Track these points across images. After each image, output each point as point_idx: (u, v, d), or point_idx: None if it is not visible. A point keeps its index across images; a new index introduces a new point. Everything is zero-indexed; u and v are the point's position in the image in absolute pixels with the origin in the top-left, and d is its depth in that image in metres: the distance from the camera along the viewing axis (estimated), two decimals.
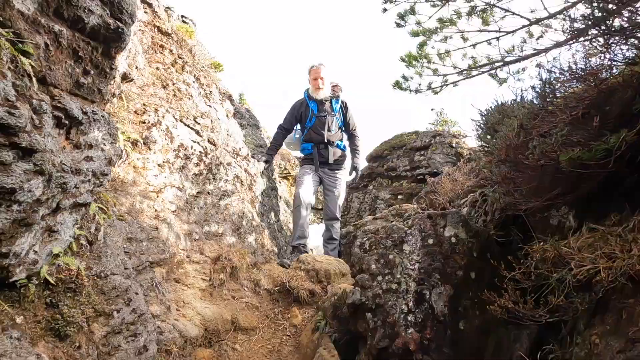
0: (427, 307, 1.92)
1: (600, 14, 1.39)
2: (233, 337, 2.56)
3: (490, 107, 2.17)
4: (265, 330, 2.81)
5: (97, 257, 1.62)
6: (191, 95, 3.35)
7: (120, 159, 1.98)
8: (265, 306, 3.08)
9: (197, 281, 2.64)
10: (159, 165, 2.62)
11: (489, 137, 2.14)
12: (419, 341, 1.83)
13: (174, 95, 3.12)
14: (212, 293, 2.72)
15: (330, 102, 4.33)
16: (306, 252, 3.91)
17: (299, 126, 4.51)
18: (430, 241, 2.12)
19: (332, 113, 4.30)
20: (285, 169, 5.85)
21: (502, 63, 2.34)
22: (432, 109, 7.08)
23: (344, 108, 4.40)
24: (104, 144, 1.60)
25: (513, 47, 2.32)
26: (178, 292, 2.41)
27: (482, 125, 2.24)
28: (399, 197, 5.81)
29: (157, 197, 2.53)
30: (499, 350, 1.77)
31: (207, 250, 2.92)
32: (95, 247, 1.64)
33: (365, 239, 2.42)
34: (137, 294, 1.79)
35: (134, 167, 2.43)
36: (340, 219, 4.34)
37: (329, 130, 4.25)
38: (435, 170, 5.40)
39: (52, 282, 1.30)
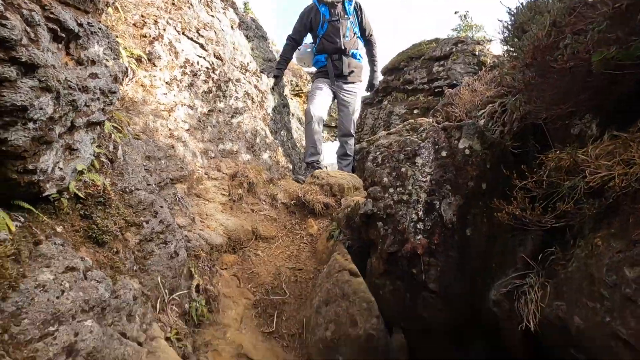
0: (436, 216, 2.00)
1: None
2: (255, 245, 2.79)
3: (522, 3, 1.93)
4: (284, 239, 3.03)
5: (120, 173, 1.69)
6: (191, 4, 3.09)
7: (126, 76, 1.93)
8: (282, 218, 3.28)
9: (217, 196, 2.78)
10: (166, 83, 2.56)
11: (515, 39, 1.95)
12: (427, 246, 1.95)
13: (173, 4, 2.88)
14: (232, 207, 2.89)
15: (343, 4, 3.94)
16: (320, 167, 3.99)
17: (310, 40, 4.20)
18: (444, 153, 2.11)
19: (346, 16, 3.95)
20: (297, 85, 5.64)
21: None
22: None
23: (358, 10, 4.01)
24: (107, 59, 1.55)
25: None
26: (200, 206, 2.56)
27: (509, 27, 2.02)
28: (415, 111, 5.63)
29: (169, 115, 2.53)
30: (503, 254, 1.87)
31: (224, 168, 3.01)
32: (116, 164, 1.70)
33: (378, 153, 2.43)
34: (162, 207, 1.92)
35: (142, 85, 2.39)
36: (354, 135, 4.31)
37: (343, 36, 3.94)
38: (454, 81, 5.11)
39: (82, 196, 1.39)
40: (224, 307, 2.09)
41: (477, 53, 5.22)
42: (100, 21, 1.60)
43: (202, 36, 3.00)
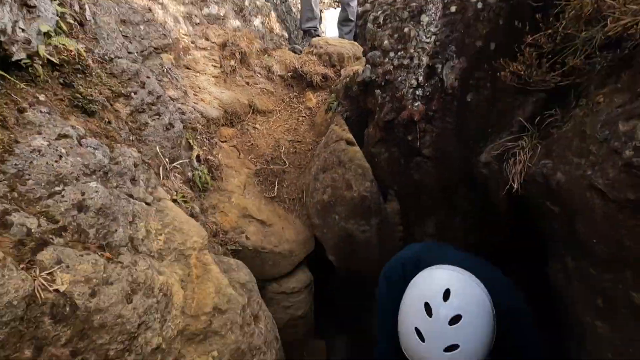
0: (437, 81, 1.90)
1: None
2: (252, 119, 2.77)
3: None
4: (281, 113, 3.00)
5: (94, 39, 1.56)
6: None
7: None
8: (279, 91, 3.17)
9: (207, 68, 2.63)
10: None
11: None
12: (424, 113, 1.91)
13: None
14: (226, 79, 2.76)
15: None
16: (318, 35, 3.65)
17: None
18: (453, 9, 1.86)
19: None
20: None
21: None
22: None
23: None
24: None
25: None
26: (191, 78, 2.45)
27: None
28: None
29: None
30: (501, 118, 1.84)
31: (212, 36, 2.76)
32: (87, 28, 1.55)
33: (379, 12, 2.16)
34: (149, 78, 1.83)
35: None
36: None
37: None
38: None
39: (56, 62, 1.31)
40: (226, 176, 2.21)
41: None
42: None
43: None
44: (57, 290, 0.88)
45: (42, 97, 1.26)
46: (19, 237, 0.90)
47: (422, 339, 0.99)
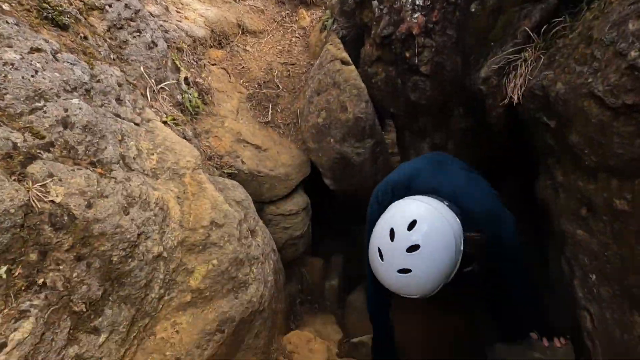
0: None
1: None
2: (242, 40, 2.61)
3: None
4: (273, 33, 2.81)
5: None
6: None
7: None
8: (270, 9, 2.93)
9: None
10: None
11: None
12: (424, 25, 1.78)
13: None
14: None
15: None
16: None
17: None
18: None
19: None
20: None
21: None
22: None
23: None
24: None
25: None
26: None
27: None
28: None
29: None
30: (505, 29, 1.72)
31: None
32: None
33: None
34: None
35: None
36: None
37: None
38: None
39: None
40: (218, 100, 2.14)
41: None
42: None
43: None
44: (52, 202, 0.90)
45: (5, 6, 1.16)
46: (6, 150, 0.90)
47: (381, 258, 1.10)
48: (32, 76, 1.05)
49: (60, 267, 0.88)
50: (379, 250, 1.11)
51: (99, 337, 0.93)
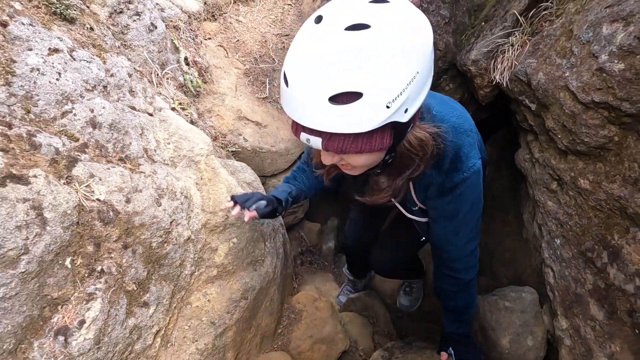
0: None
1: None
2: (235, 10, 2.57)
3: None
4: (266, 2, 2.76)
5: None
6: None
7: None
8: None
9: None
10: None
11: None
12: (418, 4, 1.83)
13: None
14: None
15: None
16: None
17: None
18: None
19: None
20: None
21: None
22: None
23: None
24: None
25: None
26: None
27: None
28: None
29: None
30: (497, 8, 1.79)
31: None
32: None
33: None
34: None
35: None
36: None
37: None
38: None
39: None
40: (217, 78, 2.18)
41: None
42: None
43: None
44: (98, 200, 1.03)
45: (17, 5, 1.18)
46: (51, 156, 1.00)
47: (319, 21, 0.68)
48: (57, 79, 1.12)
49: (112, 255, 1.03)
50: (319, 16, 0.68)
51: (149, 309, 1.11)
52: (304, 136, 0.74)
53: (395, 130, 0.76)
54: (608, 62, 1.08)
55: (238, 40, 2.45)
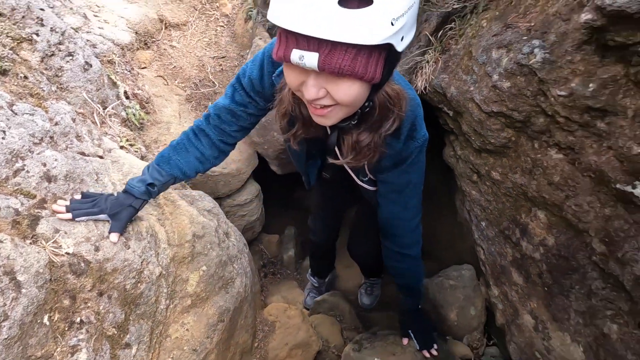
0: None
1: None
2: (167, 36, 2.57)
3: None
4: (197, 24, 2.79)
5: None
6: None
7: None
8: None
9: None
10: None
11: None
12: None
13: None
14: None
15: None
16: None
17: None
18: None
19: None
20: None
21: None
22: None
23: None
24: None
25: None
26: None
27: None
28: None
29: None
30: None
31: None
32: None
33: None
34: (42, 9, 1.61)
35: None
36: None
37: None
38: None
39: None
40: (159, 107, 2.19)
41: None
42: None
43: None
44: (67, 253, 1.05)
45: None
46: (11, 217, 1.00)
47: None
48: (3, 138, 1.11)
49: (89, 305, 1.06)
50: None
51: (132, 350, 1.14)
52: (296, 54, 0.65)
53: (387, 62, 0.72)
54: (499, 80, 1.35)
55: (175, 66, 2.46)
